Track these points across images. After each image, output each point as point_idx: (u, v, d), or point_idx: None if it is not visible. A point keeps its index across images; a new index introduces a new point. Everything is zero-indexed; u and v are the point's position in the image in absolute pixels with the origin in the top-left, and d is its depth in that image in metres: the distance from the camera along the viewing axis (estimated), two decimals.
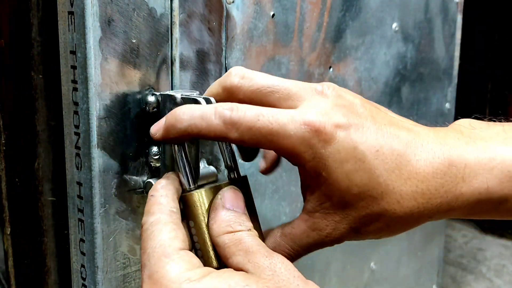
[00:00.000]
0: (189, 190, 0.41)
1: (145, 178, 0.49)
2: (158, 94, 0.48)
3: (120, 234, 0.49)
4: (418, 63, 0.94)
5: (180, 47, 0.51)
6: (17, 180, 0.56)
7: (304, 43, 0.68)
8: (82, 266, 0.49)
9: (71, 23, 0.45)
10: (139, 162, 0.49)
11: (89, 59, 0.44)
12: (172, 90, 0.51)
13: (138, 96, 0.48)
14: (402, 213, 0.38)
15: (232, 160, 0.43)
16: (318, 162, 0.37)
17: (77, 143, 0.47)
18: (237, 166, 0.44)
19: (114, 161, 0.47)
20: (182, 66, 0.52)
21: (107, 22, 0.45)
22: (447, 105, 1.07)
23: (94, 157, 0.46)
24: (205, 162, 0.54)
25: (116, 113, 0.46)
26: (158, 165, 0.49)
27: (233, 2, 0.56)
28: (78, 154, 0.47)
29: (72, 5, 0.44)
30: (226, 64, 0.57)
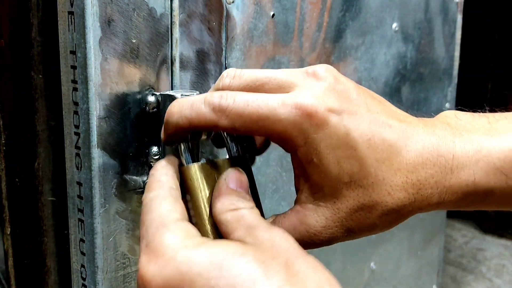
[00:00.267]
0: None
1: (145, 178, 0.49)
2: (158, 94, 0.48)
3: (120, 234, 0.49)
4: (418, 63, 0.94)
5: (180, 47, 0.51)
6: (17, 180, 0.56)
7: (304, 43, 0.68)
8: (82, 266, 0.49)
9: (71, 23, 0.45)
10: (139, 162, 0.49)
11: (89, 59, 0.44)
12: (172, 90, 0.51)
13: (138, 96, 0.48)
14: (394, 205, 0.38)
15: (236, 147, 0.43)
16: (310, 147, 0.37)
17: (77, 143, 0.47)
18: (244, 151, 0.43)
19: (114, 161, 0.47)
20: (182, 66, 0.52)
21: (107, 22, 0.45)
22: (447, 105, 1.07)
23: (94, 157, 0.46)
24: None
25: (116, 113, 0.46)
26: None
27: (233, 2, 0.56)
28: (78, 154, 0.47)
29: (72, 5, 0.44)
30: (226, 64, 0.57)
